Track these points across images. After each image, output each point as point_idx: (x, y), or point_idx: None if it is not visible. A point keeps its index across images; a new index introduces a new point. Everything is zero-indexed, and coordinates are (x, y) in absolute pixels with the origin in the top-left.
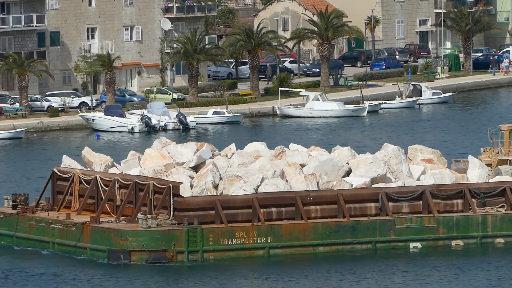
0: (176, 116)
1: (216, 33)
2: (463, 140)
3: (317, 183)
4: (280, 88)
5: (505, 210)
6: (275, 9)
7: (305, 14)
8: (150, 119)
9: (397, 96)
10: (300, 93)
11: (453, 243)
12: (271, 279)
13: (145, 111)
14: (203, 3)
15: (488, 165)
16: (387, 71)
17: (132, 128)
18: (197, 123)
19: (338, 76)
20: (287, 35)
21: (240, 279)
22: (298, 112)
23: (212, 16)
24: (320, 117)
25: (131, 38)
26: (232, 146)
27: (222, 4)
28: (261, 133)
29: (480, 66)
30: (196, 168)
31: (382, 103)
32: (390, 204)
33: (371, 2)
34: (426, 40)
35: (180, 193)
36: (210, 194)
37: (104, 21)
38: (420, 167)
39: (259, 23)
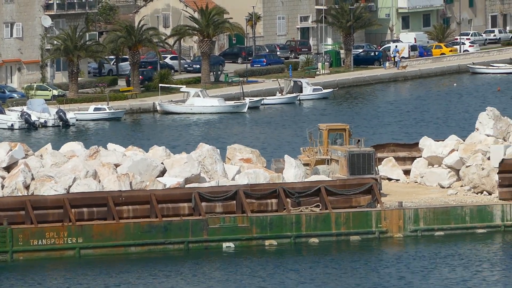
0: (56, 112)
1: (97, 29)
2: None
3: (130, 183)
4: (160, 85)
5: (320, 209)
6: (156, 5)
7: (186, 11)
8: (30, 115)
9: (277, 92)
10: (181, 90)
11: (267, 242)
12: (82, 280)
13: (25, 108)
14: (83, 0)
15: (307, 164)
16: (268, 67)
17: (12, 125)
18: (77, 120)
19: (219, 72)
20: (168, 31)
21: (50, 279)
22: (179, 109)
23: (92, 13)
24: (200, 113)
25: (11, 35)
26: (48, 146)
27: (103, 1)
28: (141, 129)
29: (361, 62)
30: (8, 169)
31: (263, 99)
32: (203, 204)
33: None
34: (307, 36)
35: None
36: (20, 194)
37: None
38: (235, 167)
39: (140, 20)
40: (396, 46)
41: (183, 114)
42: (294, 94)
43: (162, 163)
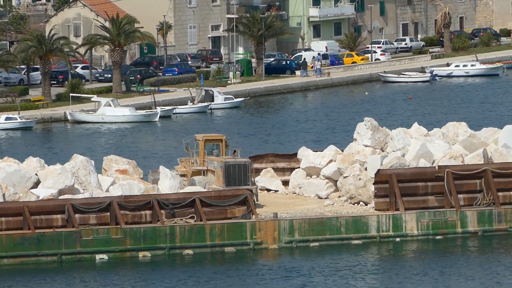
0: None
1: (8, 39)
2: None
3: (3, 194)
4: (71, 94)
5: (194, 221)
6: (67, 15)
7: (97, 20)
8: None
9: (189, 101)
10: (92, 99)
11: (141, 254)
12: None
13: None
14: None
15: (184, 175)
16: (180, 76)
17: None
18: None
19: (130, 81)
20: (79, 41)
21: None
22: (90, 118)
23: (3, 22)
24: (112, 122)
25: None
26: None
27: (14, 10)
28: (52, 138)
29: (273, 71)
30: None
31: (175, 108)
32: (77, 215)
33: (163, 7)
34: (219, 45)
35: None
36: None
37: None
38: (110, 178)
39: (51, 29)
40: (319, 54)
41: (95, 124)
42: (206, 103)
43: (36, 174)
